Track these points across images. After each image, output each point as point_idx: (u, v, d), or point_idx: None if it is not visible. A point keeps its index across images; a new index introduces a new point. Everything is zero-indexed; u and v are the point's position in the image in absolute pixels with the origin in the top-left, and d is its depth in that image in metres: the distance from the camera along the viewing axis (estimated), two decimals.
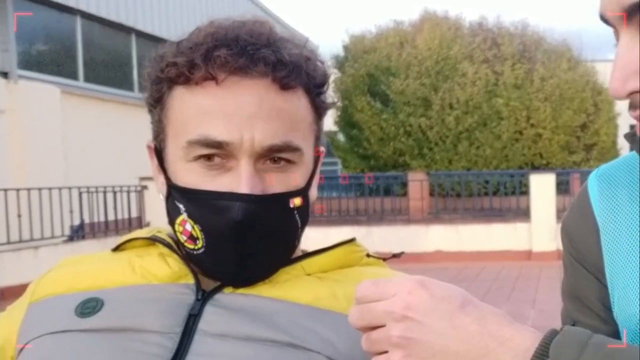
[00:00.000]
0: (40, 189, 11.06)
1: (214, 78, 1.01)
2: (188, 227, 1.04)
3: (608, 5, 0.79)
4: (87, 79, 14.65)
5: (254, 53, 1.01)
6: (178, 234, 1.06)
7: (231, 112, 1.00)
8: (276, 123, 1.01)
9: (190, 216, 1.03)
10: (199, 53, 1.01)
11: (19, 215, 10.55)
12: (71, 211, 11.61)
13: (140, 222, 12.93)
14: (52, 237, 11.24)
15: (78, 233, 12.10)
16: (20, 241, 10.61)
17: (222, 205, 1.00)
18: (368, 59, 20.25)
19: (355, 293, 0.84)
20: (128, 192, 13.09)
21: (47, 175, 11.96)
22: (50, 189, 11.27)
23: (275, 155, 1.02)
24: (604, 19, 0.81)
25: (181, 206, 1.04)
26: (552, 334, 0.77)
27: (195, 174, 1.02)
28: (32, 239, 10.82)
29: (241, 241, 1.02)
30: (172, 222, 1.07)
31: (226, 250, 1.03)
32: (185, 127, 1.03)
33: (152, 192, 12.75)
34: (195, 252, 1.06)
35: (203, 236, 1.03)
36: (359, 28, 38.64)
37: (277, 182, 1.03)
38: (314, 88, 1.08)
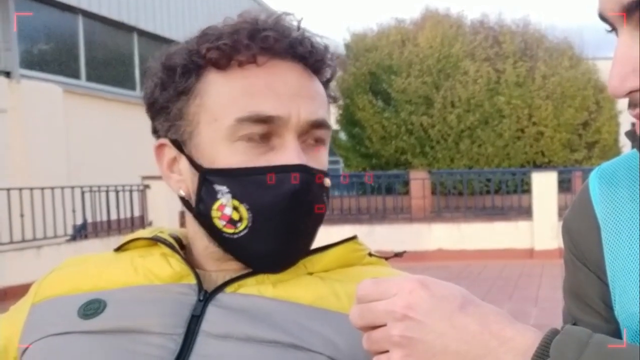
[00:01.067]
0: (42, 189, 11.07)
1: (254, 61, 1.05)
2: (227, 211, 1.04)
3: (607, 3, 0.79)
4: (90, 78, 14.65)
5: (295, 37, 1.07)
6: (216, 220, 1.05)
7: (278, 90, 1.04)
8: (316, 102, 1.08)
9: (235, 197, 1.04)
10: (244, 35, 1.05)
11: (22, 215, 10.54)
12: (74, 210, 11.60)
13: (142, 222, 12.93)
14: (55, 236, 11.23)
15: (81, 232, 12.09)
16: (23, 241, 10.60)
17: (278, 178, 1.03)
18: (370, 57, 20.26)
19: (356, 292, 0.84)
20: (131, 191, 13.07)
21: (49, 175, 11.96)
22: (52, 188, 11.26)
23: (315, 132, 1.07)
24: (603, 17, 0.81)
25: (223, 188, 1.04)
26: (553, 334, 0.77)
27: (240, 154, 1.04)
28: (34, 239, 10.81)
29: (295, 214, 1.04)
30: (207, 210, 1.06)
31: (276, 226, 1.04)
32: (229, 108, 1.04)
33: (155, 192, 12.76)
34: (235, 237, 1.05)
35: (250, 215, 1.03)
36: (360, 26, 38.58)
37: (316, 160, 1.08)
38: (329, 78, 1.15)
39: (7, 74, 12.07)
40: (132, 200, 13.02)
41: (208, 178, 1.06)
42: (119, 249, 1.20)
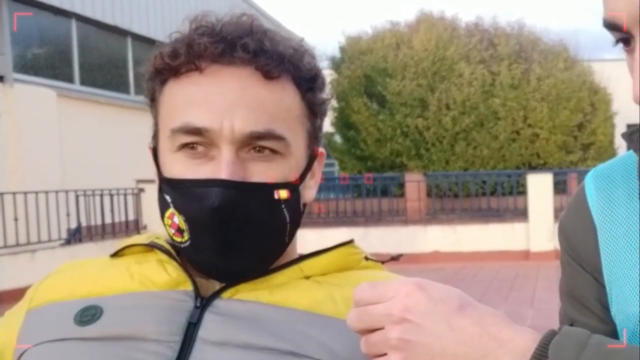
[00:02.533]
0: (37, 193, 11.09)
1: (197, 67, 1.02)
2: (176, 219, 1.04)
3: (623, 11, 0.78)
4: (83, 82, 14.67)
5: (232, 40, 1.02)
6: (167, 228, 1.06)
7: (212, 100, 1.01)
8: (258, 111, 1.01)
9: (176, 207, 1.03)
10: (182, 43, 1.03)
11: (16, 219, 10.55)
12: (68, 214, 11.62)
13: (137, 225, 12.95)
14: (49, 240, 11.25)
15: (75, 236, 12.10)
16: (17, 245, 10.62)
17: (201, 192, 1.00)
18: (364, 60, 20.30)
19: (354, 296, 0.84)
20: (125, 195, 13.10)
21: (43, 179, 11.97)
22: (47, 192, 11.29)
23: (257, 143, 1.02)
24: (610, 22, 0.80)
25: (168, 198, 1.04)
26: (551, 335, 0.77)
27: (180, 164, 1.03)
28: (29, 243, 10.83)
29: (221, 229, 1.01)
30: (162, 217, 1.06)
31: (208, 239, 1.02)
32: (171, 118, 1.04)
33: (149, 195, 12.76)
34: (182, 246, 1.05)
35: (187, 227, 1.03)
36: (355, 29, 38.66)
37: (261, 171, 1.03)
38: (303, 82, 1.07)
39: (1, 78, 12.10)
40: (126, 204, 13.04)
41: (161, 186, 1.07)
42: (115, 254, 1.19)
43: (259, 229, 1.04)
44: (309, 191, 1.12)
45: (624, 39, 0.81)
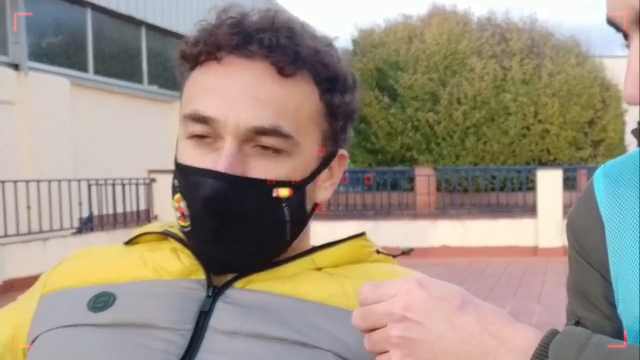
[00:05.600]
0: (49, 181, 11.08)
1: (216, 57, 1.03)
2: (182, 204, 1.05)
3: (618, 9, 0.78)
4: (97, 71, 14.63)
5: (250, 33, 1.02)
6: (175, 211, 1.07)
7: (223, 90, 1.01)
8: (267, 107, 1.01)
9: (181, 192, 1.05)
10: (205, 32, 1.04)
11: (28, 207, 10.56)
12: (80, 203, 11.61)
13: (148, 215, 12.93)
14: (61, 229, 11.25)
15: (87, 225, 12.10)
16: (29, 233, 10.63)
17: (197, 181, 1.01)
18: (376, 53, 20.21)
19: (358, 296, 0.85)
20: (137, 184, 13.09)
21: (56, 167, 11.96)
22: (59, 181, 11.29)
23: (261, 139, 1.01)
24: (611, 22, 0.81)
25: (176, 182, 1.06)
26: (552, 334, 0.77)
27: (188, 151, 1.04)
28: (41, 231, 10.84)
29: (211, 219, 1.01)
30: (172, 200, 1.08)
31: (203, 228, 1.03)
32: (186, 104, 1.05)
33: (161, 185, 12.75)
34: (185, 230, 1.06)
35: (189, 213, 1.04)
36: (367, 22, 38.55)
37: (263, 168, 1.02)
38: (323, 81, 1.06)
39: (16, 67, 12.06)
40: (138, 194, 13.03)
41: (174, 170, 1.08)
42: (129, 242, 1.19)
43: (252, 224, 1.03)
44: (324, 192, 1.12)
45: (626, 33, 0.81)
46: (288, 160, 1.04)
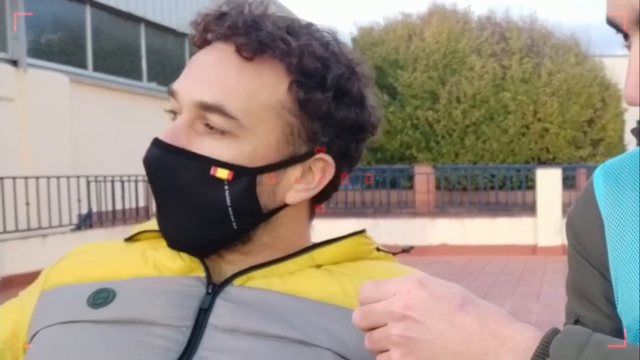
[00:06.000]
0: (48, 178, 11.10)
1: (206, 41, 1.08)
2: None
3: (619, 10, 0.78)
4: (96, 68, 14.64)
5: (232, 18, 1.04)
6: None
7: (192, 68, 1.06)
8: (217, 85, 1.02)
9: None
10: (203, 19, 1.08)
11: (27, 204, 10.57)
12: (79, 200, 11.63)
13: (147, 212, 12.94)
14: (60, 225, 11.27)
15: (86, 222, 12.12)
16: (29, 229, 10.63)
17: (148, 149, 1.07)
18: (376, 52, 20.22)
19: (358, 295, 0.85)
20: (136, 181, 13.10)
21: (55, 164, 11.97)
22: (58, 177, 11.30)
23: (207, 115, 1.02)
24: (612, 22, 0.80)
25: None
26: (553, 333, 0.77)
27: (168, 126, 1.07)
28: (40, 227, 10.86)
29: (152, 185, 1.07)
30: None
31: (155, 201, 1.08)
32: None
33: None
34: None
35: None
36: (367, 20, 38.57)
37: (207, 147, 1.03)
38: (296, 74, 1.04)
39: (15, 63, 12.07)
40: (137, 191, 13.05)
41: None
42: (129, 239, 1.19)
43: (188, 198, 1.04)
44: (294, 193, 1.08)
45: (626, 34, 0.80)
46: (234, 144, 1.03)
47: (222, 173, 1.02)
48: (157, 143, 1.04)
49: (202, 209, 1.04)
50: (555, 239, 13.56)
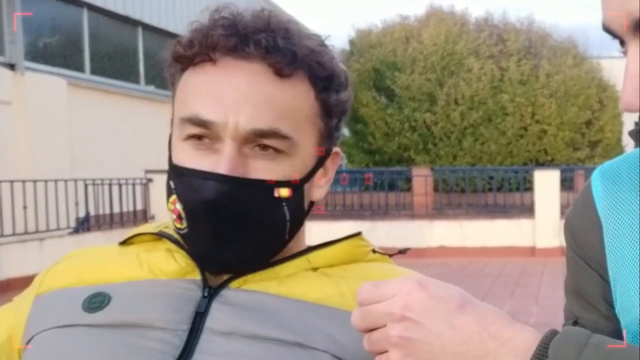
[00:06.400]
0: (46, 181, 11.10)
1: (211, 59, 1.02)
2: (178, 206, 1.04)
3: (615, 17, 0.78)
4: (94, 71, 14.66)
5: (247, 35, 1.01)
6: (170, 213, 1.07)
7: (221, 93, 1.01)
8: (265, 108, 1.01)
9: (177, 194, 1.04)
10: (199, 33, 1.03)
11: (25, 207, 10.57)
12: (77, 203, 11.63)
13: (145, 215, 12.95)
14: (58, 229, 11.26)
15: (83, 225, 12.12)
16: (26, 233, 10.64)
17: (198, 184, 1.00)
18: (374, 54, 20.24)
19: (357, 296, 0.85)
20: (134, 184, 13.10)
21: (53, 167, 11.98)
22: (56, 181, 11.29)
23: (261, 141, 1.01)
24: (608, 29, 0.80)
25: (172, 184, 1.05)
26: (552, 334, 0.77)
27: (185, 153, 1.03)
28: (37, 231, 10.84)
29: (214, 222, 1.01)
30: (167, 202, 1.07)
31: (202, 230, 1.03)
32: (182, 106, 1.05)
33: (158, 185, 12.77)
34: (181, 232, 1.06)
35: (184, 215, 1.03)
36: (365, 22, 38.55)
37: (263, 169, 1.02)
38: (319, 81, 1.06)
39: (12, 66, 12.08)
40: (134, 194, 13.04)
41: (169, 172, 1.07)
42: (124, 242, 1.19)
43: (254, 224, 1.03)
44: (319, 190, 1.12)
45: (622, 40, 0.80)
46: (287, 161, 1.04)
47: (284, 192, 1.04)
48: (219, 178, 1.00)
49: (265, 230, 1.05)
50: (554, 241, 13.58)
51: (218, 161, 1.00)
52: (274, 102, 1.01)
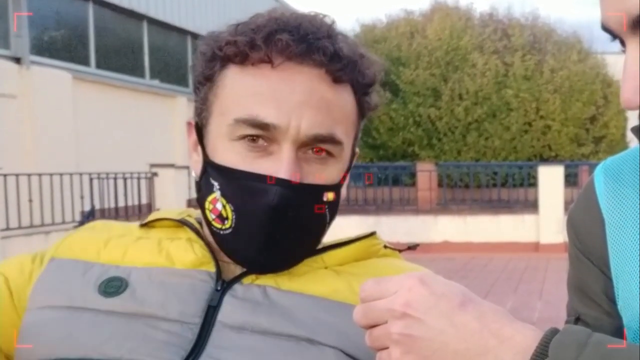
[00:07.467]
0: (51, 175, 11.09)
1: (270, 61, 1.02)
2: (219, 206, 1.04)
3: (613, 16, 0.78)
4: (99, 65, 14.63)
5: (314, 42, 1.03)
6: (207, 212, 1.07)
7: (282, 97, 1.01)
8: (324, 113, 1.03)
9: (223, 195, 1.04)
10: (261, 34, 1.03)
11: (30, 200, 10.56)
12: (82, 197, 11.61)
13: (150, 209, 12.91)
14: (63, 222, 11.23)
15: (88, 219, 12.08)
16: (31, 226, 10.64)
17: (260, 188, 1.01)
18: (378, 49, 20.15)
19: (360, 293, 0.85)
20: (138, 178, 13.09)
21: (58, 161, 11.96)
22: (61, 174, 11.29)
23: (318, 145, 1.04)
24: (606, 28, 0.81)
25: (216, 184, 1.05)
26: (552, 333, 0.78)
27: (236, 154, 1.03)
28: (42, 224, 10.85)
29: (272, 226, 1.02)
30: (202, 200, 1.07)
31: (254, 233, 1.03)
32: (234, 106, 1.04)
33: (163, 179, 12.78)
34: (221, 232, 1.06)
35: (234, 217, 1.03)
36: (369, 17, 38.47)
37: (316, 173, 1.05)
38: (362, 87, 1.09)
39: (17, 60, 12.06)
40: (139, 188, 13.03)
41: (207, 169, 1.07)
42: (145, 225, 1.19)
43: (304, 229, 1.06)
44: (344, 189, 1.14)
45: (622, 39, 0.81)
46: (335, 164, 1.07)
47: (330, 196, 1.07)
48: (285, 184, 1.01)
49: (309, 233, 1.08)
50: (558, 236, 13.55)
51: (276, 165, 1.01)
52: (331, 108, 1.04)
